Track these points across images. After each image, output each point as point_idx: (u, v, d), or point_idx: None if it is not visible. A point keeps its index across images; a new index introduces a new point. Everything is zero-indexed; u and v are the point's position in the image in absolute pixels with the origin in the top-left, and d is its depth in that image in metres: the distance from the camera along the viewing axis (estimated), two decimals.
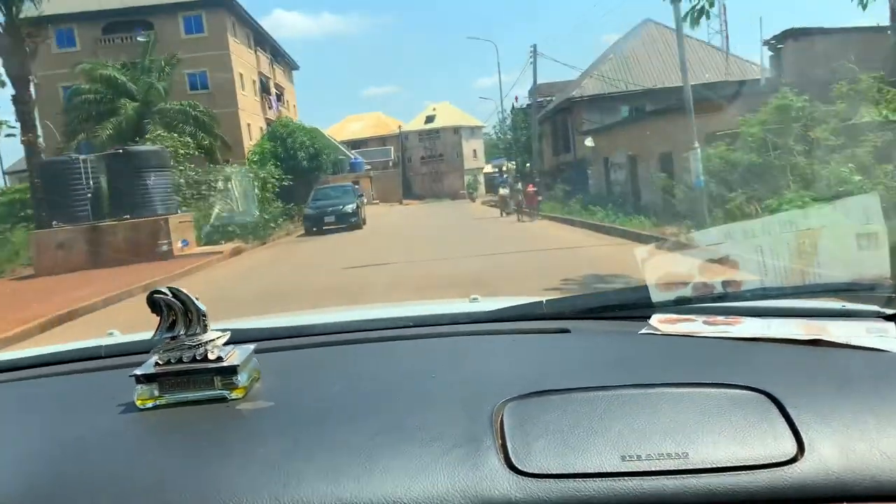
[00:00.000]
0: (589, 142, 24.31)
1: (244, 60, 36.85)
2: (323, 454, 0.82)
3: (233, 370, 1.00)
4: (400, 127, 63.93)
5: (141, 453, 0.90)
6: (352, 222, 24.10)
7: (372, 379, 1.11)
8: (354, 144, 69.91)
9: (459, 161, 73.46)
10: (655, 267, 1.28)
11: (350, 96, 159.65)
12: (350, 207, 24.38)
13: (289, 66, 51.45)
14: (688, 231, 8.35)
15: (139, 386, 1.01)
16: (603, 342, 1.21)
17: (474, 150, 75.67)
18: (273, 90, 42.94)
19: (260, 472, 0.79)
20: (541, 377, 0.99)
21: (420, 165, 74.34)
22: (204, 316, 1.01)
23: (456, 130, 72.95)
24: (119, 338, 1.54)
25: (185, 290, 1.00)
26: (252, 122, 37.54)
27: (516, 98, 41.20)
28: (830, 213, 1.18)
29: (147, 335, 1.08)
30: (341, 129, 76.94)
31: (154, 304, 1.00)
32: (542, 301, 1.39)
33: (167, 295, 1.00)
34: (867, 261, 1.12)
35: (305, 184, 29.10)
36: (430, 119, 73.69)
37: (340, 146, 60.79)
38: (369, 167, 59.96)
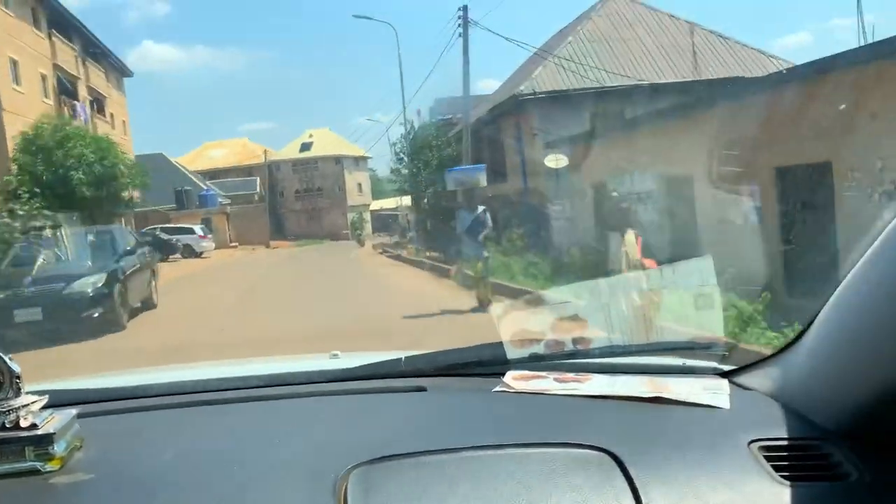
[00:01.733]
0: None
1: (25, 44, 25.27)
2: None
3: (49, 439, 0.92)
4: (265, 152, 53.09)
5: None
6: (85, 316, 9.86)
7: (208, 447, 1.05)
8: (214, 175, 58.10)
9: (342, 196, 63.58)
10: (510, 324, 1.33)
11: (223, 130, 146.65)
12: (85, 286, 10.09)
13: (118, 71, 39.73)
14: None
15: None
16: (458, 401, 1.25)
17: (359, 184, 66.07)
18: (84, 95, 31.24)
19: None
20: (392, 440, 0.98)
21: (294, 200, 63.71)
22: (17, 378, 0.92)
23: (337, 160, 63.22)
24: None
25: None
26: None
27: (418, 111, 29.50)
28: (669, 275, 1.30)
29: None
30: (198, 156, 64.86)
31: None
32: (400, 358, 1.38)
33: None
34: (704, 320, 1.26)
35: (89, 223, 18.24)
36: (306, 146, 63.42)
37: (189, 174, 49.05)
38: (228, 201, 48.67)
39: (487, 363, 1.34)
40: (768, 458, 0.96)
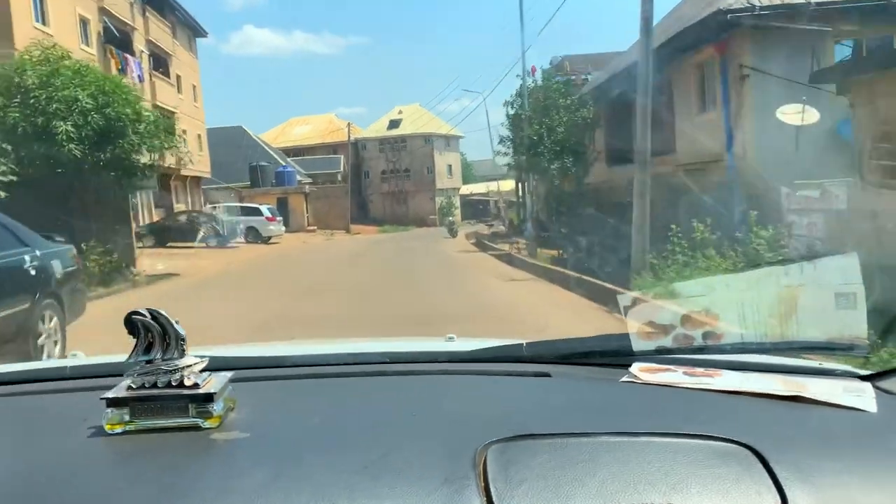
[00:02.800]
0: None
1: None
2: (304, 490, 0.80)
3: (209, 398, 0.97)
4: (349, 125, 47.90)
5: (112, 479, 0.87)
6: None
7: (351, 414, 1.10)
8: (297, 153, 53.74)
9: (430, 178, 58.00)
10: (638, 315, 1.27)
11: (315, 112, 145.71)
12: None
13: (189, 28, 35.32)
14: None
15: (109, 409, 0.97)
16: (584, 388, 1.21)
17: (449, 166, 60.27)
18: (140, 49, 26.66)
19: None
20: (524, 420, 0.98)
21: (379, 182, 58.63)
22: (182, 340, 0.98)
23: (427, 139, 57.59)
24: (84, 359, 1.50)
25: (164, 312, 0.97)
26: None
27: (532, 69, 22.43)
28: (810, 272, 1.21)
29: (112, 358, 1.12)
30: (281, 133, 60.73)
31: (131, 324, 0.98)
32: (522, 343, 1.38)
33: (145, 316, 0.97)
34: (845, 320, 1.15)
35: (91, 194, 12.90)
36: (394, 124, 58.10)
37: (269, 149, 44.48)
38: (309, 181, 43.96)
39: (612, 353, 1.29)
40: None
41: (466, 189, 64.84)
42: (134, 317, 0.97)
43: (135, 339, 0.98)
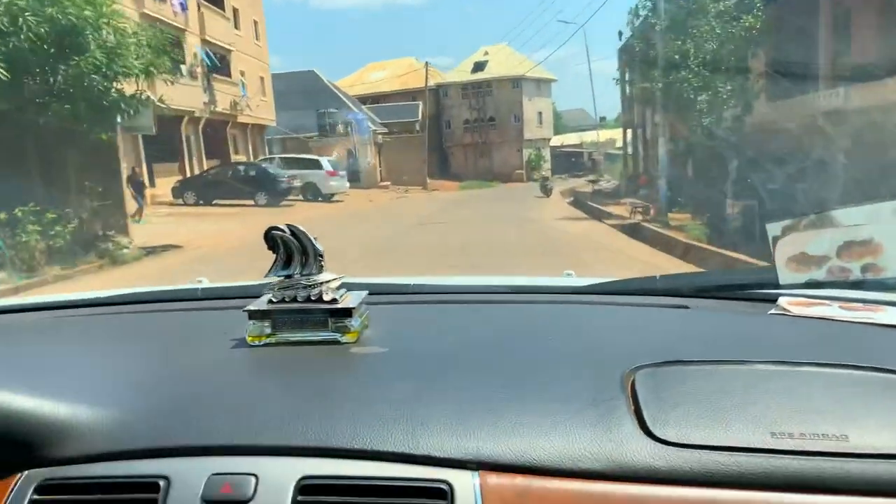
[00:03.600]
0: None
1: None
2: (446, 404, 0.80)
3: (347, 313, 1.00)
4: (426, 65, 42.63)
5: (260, 388, 0.91)
6: None
7: (486, 336, 1.07)
8: (375, 101, 49.39)
9: (518, 128, 52.55)
10: (788, 245, 1.17)
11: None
12: None
13: None
14: None
15: (251, 322, 1.01)
16: (728, 320, 1.14)
17: (539, 114, 54.54)
18: None
19: (384, 417, 0.77)
20: (668, 348, 0.94)
21: (462, 132, 53.69)
22: (321, 256, 1.00)
23: (516, 83, 51.99)
24: (213, 283, 1.51)
25: (302, 228, 0.99)
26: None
27: None
28: None
29: (242, 282, 1.21)
30: (357, 80, 56.46)
31: (271, 240, 1.00)
32: (656, 276, 1.33)
33: (285, 232, 0.99)
34: None
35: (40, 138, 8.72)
36: (479, 66, 52.66)
37: (342, 96, 40.29)
38: (384, 130, 39.67)
39: (755, 286, 1.21)
40: None
41: (557, 140, 58.96)
42: (273, 232, 0.99)
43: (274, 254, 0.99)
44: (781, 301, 1.12)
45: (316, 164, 24.27)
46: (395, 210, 22.83)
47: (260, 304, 1.01)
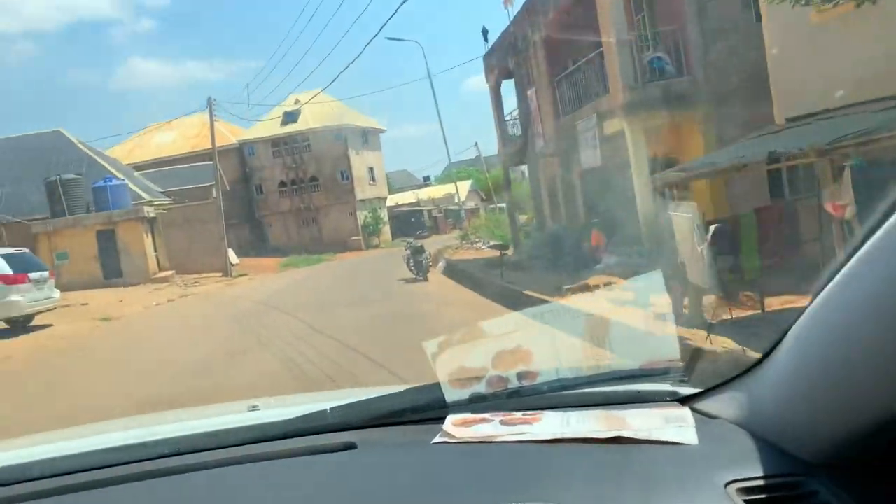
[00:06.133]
0: None
1: None
2: None
3: None
4: (210, 102, 31.07)
5: None
6: None
7: None
8: (163, 167, 37.98)
9: (347, 187, 43.52)
10: (447, 362, 1.18)
11: None
12: None
13: None
14: None
15: None
16: (392, 458, 1.13)
17: (371, 169, 46.10)
18: None
19: None
20: None
21: (279, 197, 43.76)
22: None
23: (338, 134, 42.83)
24: None
25: None
26: None
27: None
28: (620, 294, 1.36)
29: None
30: (138, 144, 44.63)
31: None
32: (326, 410, 1.23)
33: None
34: (657, 344, 1.14)
35: None
36: (290, 117, 42.95)
37: (105, 162, 28.93)
38: (166, 199, 28.68)
39: (424, 408, 1.18)
40: (749, 503, 0.88)
41: (391, 200, 50.52)
42: None
43: None
44: (448, 422, 1.11)
45: None
46: (137, 334, 12.10)
47: None
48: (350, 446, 1.12)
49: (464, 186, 51.61)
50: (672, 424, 1.03)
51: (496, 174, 49.55)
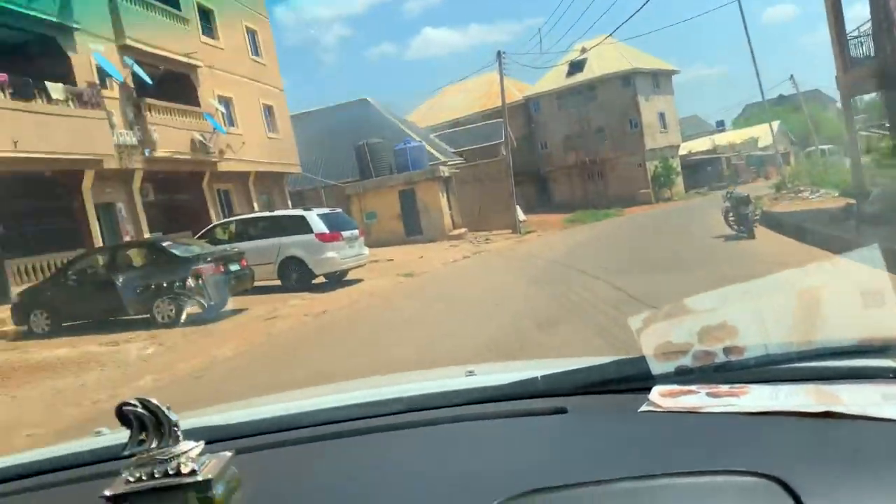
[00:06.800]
0: None
1: None
2: None
3: (208, 484, 0.95)
4: (500, 62, 30.77)
5: None
6: None
7: (356, 479, 1.10)
8: (453, 128, 39.70)
9: (635, 136, 40.83)
10: (651, 336, 1.21)
11: None
12: None
13: None
14: None
15: None
16: (601, 423, 1.19)
17: (661, 115, 42.75)
18: None
19: None
20: (537, 470, 0.98)
21: (563, 152, 42.65)
22: (176, 426, 0.96)
23: (627, 80, 40.42)
24: (105, 438, 1.44)
25: (154, 401, 0.96)
26: None
27: None
28: (831, 270, 1.18)
29: (118, 438, 1.09)
30: (431, 108, 47.17)
31: (123, 416, 0.95)
32: (537, 377, 1.30)
33: (136, 406, 0.96)
34: (875, 319, 1.11)
35: None
36: (576, 67, 41.40)
37: (404, 125, 30.64)
38: (458, 160, 29.53)
39: (630, 379, 1.22)
40: None
41: (683, 148, 46.36)
42: (125, 408, 0.96)
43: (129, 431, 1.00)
44: (653, 392, 1.14)
45: (299, 225, 13.87)
46: (439, 291, 11.97)
47: (117, 486, 0.95)
48: (560, 410, 1.18)
49: (762, 130, 45.27)
50: (891, 402, 0.99)
51: (815, 111, 42.35)
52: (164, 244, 11.58)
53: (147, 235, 15.76)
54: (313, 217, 13.72)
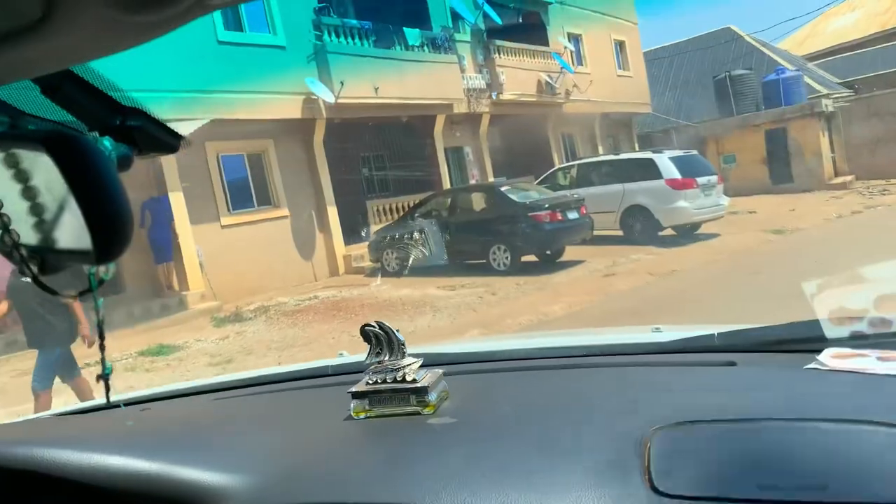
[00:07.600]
0: None
1: None
2: (493, 467, 0.94)
3: (425, 390, 1.18)
4: None
5: (353, 455, 1.12)
6: None
7: (541, 403, 1.21)
8: (843, 52, 33.87)
9: None
10: (826, 301, 1.22)
11: None
12: None
13: None
14: None
15: (355, 401, 1.23)
16: (766, 375, 1.22)
17: None
18: None
19: (440, 480, 0.92)
20: (695, 408, 1.02)
21: None
22: (403, 345, 1.22)
23: None
24: (344, 358, 1.78)
25: (387, 324, 1.22)
26: None
27: None
28: None
29: (361, 357, 1.30)
30: (809, 34, 40.68)
31: (365, 334, 1.24)
32: (713, 333, 1.41)
33: (374, 327, 1.23)
34: None
35: None
36: None
37: (776, 55, 26.75)
38: (845, 91, 24.70)
39: (803, 340, 1.27)
40: None
41: None
42: (366, 328, 1.23)
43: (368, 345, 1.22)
44: (824, 354, 1.14)
45: (645, 169, 12.19)
46: (819, 253, 9.43)
47: (360, 385, 1.22)
48: (731, 363, 1.25)
49: None
50: None
51: None
52: (503, 188, 11.17)
53: (491, 179, 15.80)
54: (664, 160, 12.03)
